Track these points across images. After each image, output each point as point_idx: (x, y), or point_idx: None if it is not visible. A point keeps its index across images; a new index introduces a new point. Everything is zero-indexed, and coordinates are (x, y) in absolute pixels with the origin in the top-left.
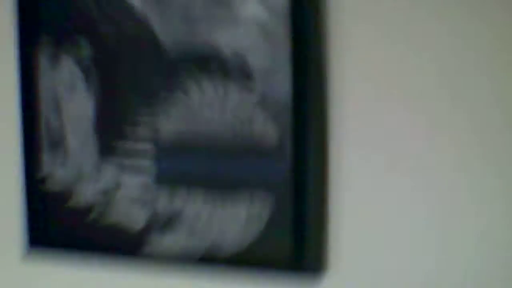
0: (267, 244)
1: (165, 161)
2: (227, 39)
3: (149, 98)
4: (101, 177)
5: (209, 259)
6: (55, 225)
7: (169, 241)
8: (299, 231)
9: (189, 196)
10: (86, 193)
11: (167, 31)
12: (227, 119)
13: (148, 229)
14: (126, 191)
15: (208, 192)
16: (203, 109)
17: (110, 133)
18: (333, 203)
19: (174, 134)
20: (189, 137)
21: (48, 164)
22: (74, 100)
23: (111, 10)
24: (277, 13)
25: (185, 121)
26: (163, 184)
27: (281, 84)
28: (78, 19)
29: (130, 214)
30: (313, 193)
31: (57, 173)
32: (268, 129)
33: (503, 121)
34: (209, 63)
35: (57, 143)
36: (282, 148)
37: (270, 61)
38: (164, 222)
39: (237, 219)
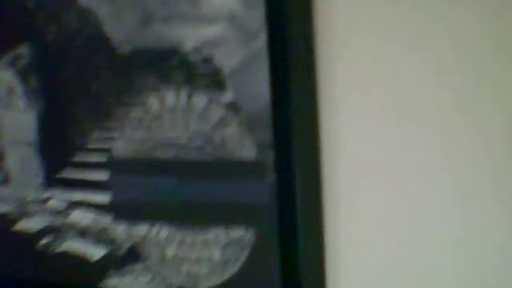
0: (251, 277)
1: (121, 186)
2: (189, 33)
3: (101, 113)
4: (48, 206)
5: None
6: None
7: (130, 280)
8: (289, 261)
9: (152, 228)
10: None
11: (118, 28)
12: (193, 131)
13: (105, 264)
14: (77, 221)
15: (175, 223)
16: (164, 121)
17: (56, 156)
18: (329, 224)
19: (131, 153)
20: (149, 157)
21: None
22: (12, 117)
23: (55, 10)
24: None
25: (143, 137)
26: (120, 214)
27: (258, 87)
28: (17, 22)
29: (84, 247)
30: (303, 213)
31: None
32: (244, 140)
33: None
34: (168, 62)
35: None
36: (262, 163)
37: (243, 59)
38: (123, 259)
39: (212, 251)
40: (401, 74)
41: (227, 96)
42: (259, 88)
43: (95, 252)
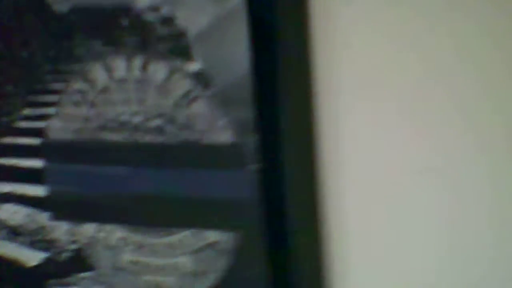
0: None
1: (60, 176)
2: None
3: (33, 85)
4: None
5: None
6: None
7: None
8: (279, 269)
9: (101, 229)
10: None
11: None
12: (150, 108)
13: (44, 271)
14: (7, 218)
15: (130, 222)
16: (113, 95)
17: None
18: (326, 224)
19: (71, 135)
20: (94, 140)
21: None
22: None
23: None
24: None
25: (86, 116)
26: (60, 210)
27: (233, 53)
28: None
29: (17, 249)
30: (295, 210)
31: None
32: (216, 120)
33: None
34: (118, 23)
35: None
36: (241, 148)
37: (213, 19)
38: (66, 265)
39: (180, 258)
40: (400, 74)
41: (194, 65)
42: (235, 55)
43: (31, 256)
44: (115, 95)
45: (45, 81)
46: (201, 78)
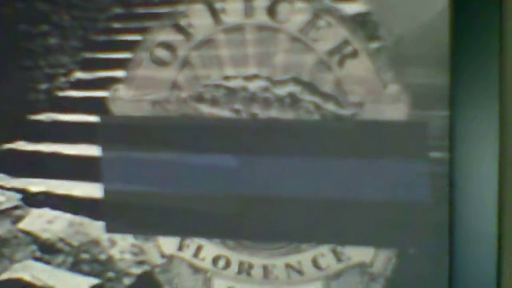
0: None
1: (123, 171)
2: None
3: (89, 35)
4: None
5: None
6: None
7: None
8: None
9: (187, 248)
10: None
11: None
12: (281, 72)
13: None
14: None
15: (237, 239)
16: (221, 50)
17: None
18: None
19: (150, 111)
20: (188, 120)
21: None
22: None
23: None
24: None
25: (176, 84)
26: (121, 221)
27: None
28: None
29: None
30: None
31: None
32: (388, 90)
33: None
34: None
35: None
36: (427, 132)
37: None
38: None
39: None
40: None
41: (353, 5)
42: None
43: (74, 284)
44: (222, 50)
45: (111, 30)
46: (363, 25)
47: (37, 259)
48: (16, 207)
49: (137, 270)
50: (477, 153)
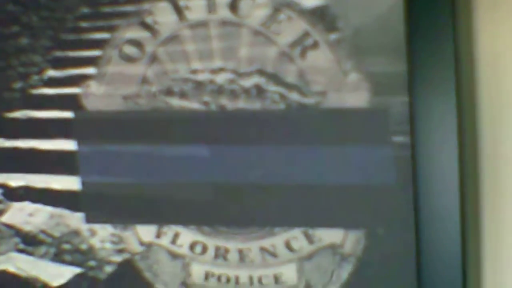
0: None
1: (99, 164)
2: None
3: (60, 34)
4: None
5: None
6: None
7: None
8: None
9: (165, 235)
10: None
11: None
12: (246, 65)
13: None
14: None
15: (213, 225)
16: (187, 46)
17: None
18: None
19: (121, 105)
20: (159, 113)
21: None
22: None
23: None
24: None
25: (146, 79)
26: (100, 212)
27: None
28: None
29: None
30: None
31: None
32: (348, 78)
33: None
34: None
35: None
36: (387, 118)
37: None
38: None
39: (279, 268)
40: None
41: None
42: None
43: (57, 273)
44: (188, 45)
45: (80, 29)
46: (322, 17)
47: (20, 251)
48: None
49: (117, 258)
50: (437, 136)
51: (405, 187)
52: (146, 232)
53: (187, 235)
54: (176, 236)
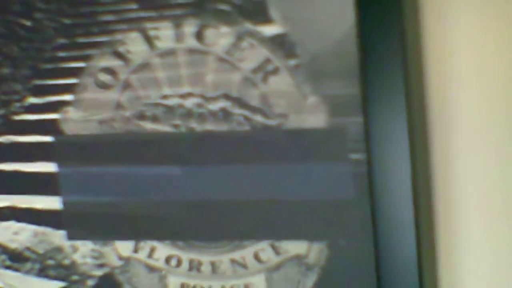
0: None
1: (78, 184)
2: None
3: (39, 64)
4: None
5: None
6: None
7: None
8: None
9: (141, 250)
10: None
11: None
12: (212, 90)
13: None
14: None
15: (186, 239)
16: (157, 73)
17: None
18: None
19: (97, 129)
20: (132, 136)
21: None
22: None
23: None
24: None
25: (120, 105)
26: (81, 229)
27: (331, 11)
28: None
29: None
30: (416, 215)
31: None
32: (307, 101)
33: None
34: None
35: None
36: (343, 137)
37: None
38: None
39: (250, 278)
40: None
41: (272, 27)
42: (332, 11)
43: None
44: (159, 73)
45: (57, 58)
46: (281, 45)
47: (7, 267)
48: None
49: (98, 272)
50: (390, 152)
51: (363, 201)
52: (124, 247)
53: (162, 249)
54: (152, 250)
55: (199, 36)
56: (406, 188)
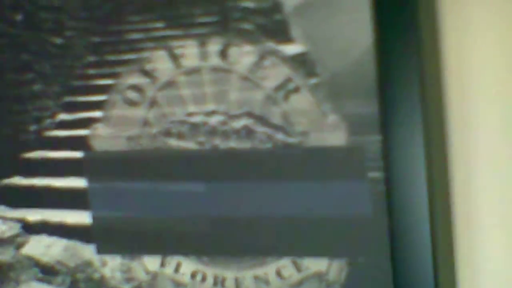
0: None
1: (107, 199)
2: None
3: (70, 81)
4: None
5: None
6: None
7: None
8: None
9: (168, 265)
10: None
11: None
12: (236, 108)
13: None
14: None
15: (211, 255)
16: (183, 90)
17: None
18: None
19: (125, 145)
20: (159, 153)
21: None
22: None
23: None
24: None
25: (147, 122)
26: (110, 244)
27: (350, 31)
28: None
29: None
30: (434, 234)
31: None
32: (327, 120)
33: None
34: None
35: None
36: (362, 155)
37: None
38: None
39: None
40: None
41: (293, 46)
42: (350, 30)
43: None
44: (184, 90)
45: (87, 76)
46: (302, 63)
47: (40, 280)
48: (17, 235)
49: (127, 286)
50: (408, 171)
51: (381, 219)
52: (152, 262)
53: (188, 265)
54: (178, 265)
55: (223, 54)
56: (423, 206)
